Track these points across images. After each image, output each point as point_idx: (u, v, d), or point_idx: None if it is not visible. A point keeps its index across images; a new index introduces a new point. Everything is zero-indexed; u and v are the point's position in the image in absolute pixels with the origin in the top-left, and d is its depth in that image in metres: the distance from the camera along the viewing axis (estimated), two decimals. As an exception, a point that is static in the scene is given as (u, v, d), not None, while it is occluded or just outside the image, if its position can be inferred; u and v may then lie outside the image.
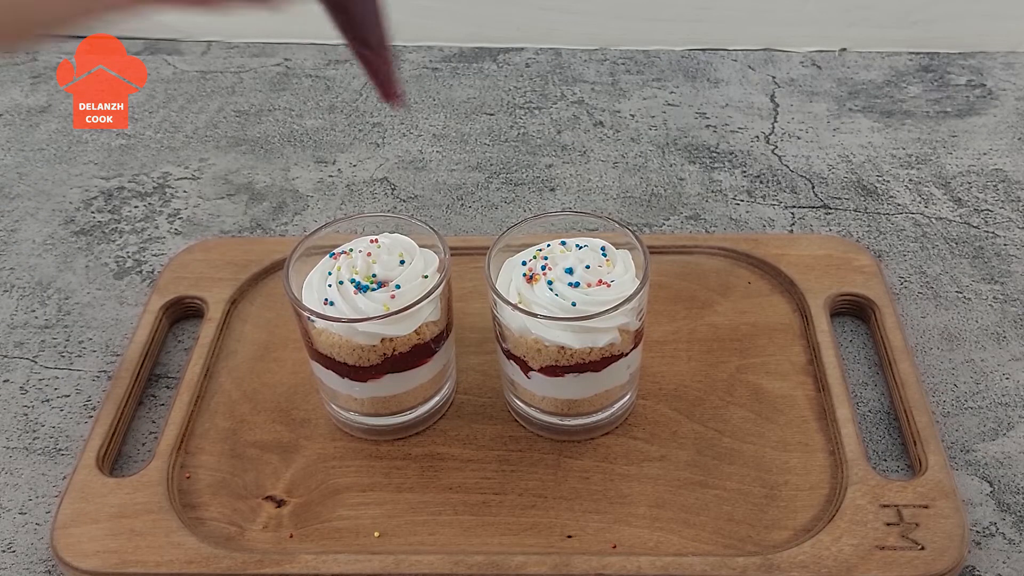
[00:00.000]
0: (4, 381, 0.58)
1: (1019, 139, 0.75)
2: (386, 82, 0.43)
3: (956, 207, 0.68)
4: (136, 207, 0.71)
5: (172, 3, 0.35)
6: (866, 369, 0.56)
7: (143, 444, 0.54)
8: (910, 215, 0.68)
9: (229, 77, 0.87)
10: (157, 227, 0.69)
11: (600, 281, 0.47)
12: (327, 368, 0.49)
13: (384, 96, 0.43)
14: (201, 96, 0.84)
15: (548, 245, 0.50)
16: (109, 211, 0.71)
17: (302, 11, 0.39)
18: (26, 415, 0.55)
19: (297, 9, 0.37)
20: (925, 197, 0.69)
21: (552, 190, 0.72)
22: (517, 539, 0.47)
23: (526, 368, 0.48)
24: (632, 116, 0.80)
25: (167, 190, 0.73)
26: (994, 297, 0.60)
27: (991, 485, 0.49)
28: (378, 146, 0.77)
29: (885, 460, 0.51)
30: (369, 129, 0.79)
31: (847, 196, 0.70)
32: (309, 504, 0.49)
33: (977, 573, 0.46)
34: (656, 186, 0.72)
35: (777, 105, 0.80)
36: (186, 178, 0.74)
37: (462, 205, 0.71)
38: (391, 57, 0.42)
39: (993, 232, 0.66)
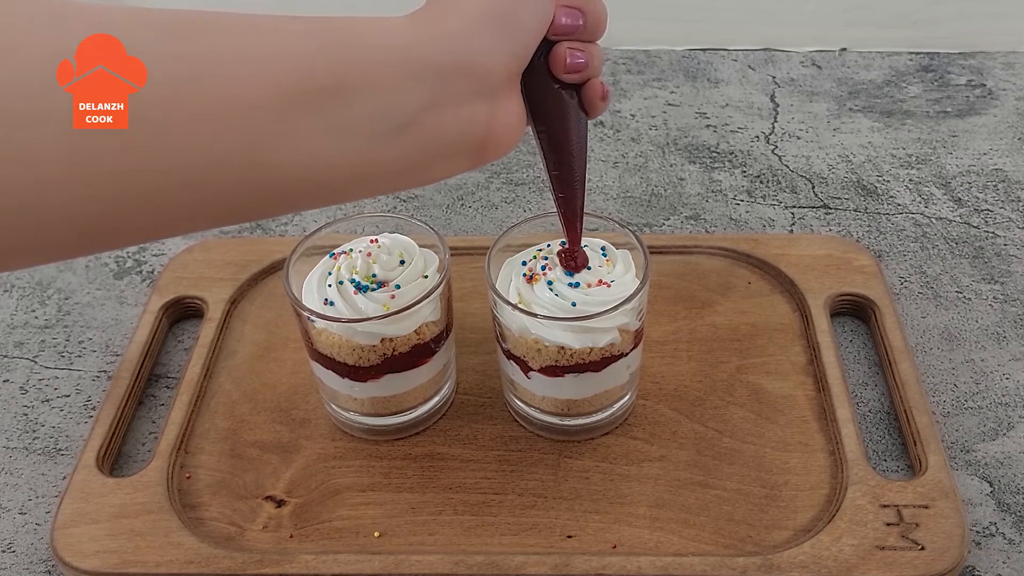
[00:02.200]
0: (4, 381, 0.58)
1: (1019, 139, 0.75)
2: (575, 246, 0.45)
3: (956, 207, 0.68)
4: (136, 207, 0.71)
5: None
6: (866, 369, 0.56)
7: (143, 444, 0.54)
8: (910, 215, 0.68)
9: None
10: (157, 227, 0.69)
11: (600, 281, 0.47)
12: (327, 368, 0.49)
13: (569, 259, 0.46)
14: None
15: (548, 245, 0.50)
16: (109, 211, 0.71)
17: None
18: (26, 415, 0.55)
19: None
20: (925, 197, 0.69)
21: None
22: (517, 539, 0.47)
23: (526, 368, 0.48)
24: (632, 116, 0.80)
25: (167, 190, 0.73)
26: (994, 297, 0.60)
27: (991, 485, 0.49)
28: (378, 146, 0.77)
29: (885, 460, 0.51)
30: (369, 129, 0.79)
31: (847, 196, 0.70)
32: (309, 504, 0.49)
33: (977, 573, 0.46)
34: (656, 186, 0.72)
35: (777, 105, 0.80)
36: (186, 178, 0.74)
37: (462, 205, 0.70)
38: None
39: (993, 232, 0.66)
